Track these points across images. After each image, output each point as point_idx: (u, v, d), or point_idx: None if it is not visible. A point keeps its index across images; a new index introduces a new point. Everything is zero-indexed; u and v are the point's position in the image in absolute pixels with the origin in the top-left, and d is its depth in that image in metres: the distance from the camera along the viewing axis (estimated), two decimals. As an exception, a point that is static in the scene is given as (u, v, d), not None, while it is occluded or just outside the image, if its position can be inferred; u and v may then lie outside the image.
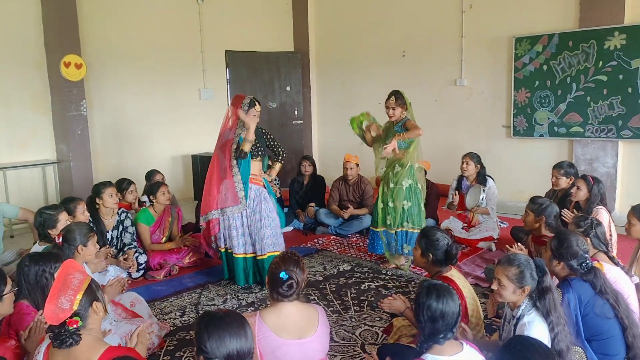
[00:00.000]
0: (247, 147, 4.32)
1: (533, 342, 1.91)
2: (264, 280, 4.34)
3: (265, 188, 4.59)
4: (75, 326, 2.03)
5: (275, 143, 4.78)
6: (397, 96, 4.84)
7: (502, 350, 1.95)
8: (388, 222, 4.88)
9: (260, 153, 4.56)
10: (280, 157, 4.78)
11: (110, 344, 2.18)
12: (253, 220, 4.46)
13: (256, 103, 4.48)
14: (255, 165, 4.52)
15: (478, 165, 5.64)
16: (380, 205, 4.91)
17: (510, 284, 2.54)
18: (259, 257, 4.49)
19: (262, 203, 4.49)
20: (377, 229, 4.97)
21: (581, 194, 4.47)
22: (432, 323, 2.17)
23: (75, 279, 2.10)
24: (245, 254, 4.52)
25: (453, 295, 2.25)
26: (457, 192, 5.77)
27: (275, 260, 2.57)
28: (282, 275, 2.43)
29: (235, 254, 4.51)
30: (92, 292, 2.16)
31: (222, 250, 4.62)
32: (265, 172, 4.75)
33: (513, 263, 2.57)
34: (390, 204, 4.84)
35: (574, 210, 4.56)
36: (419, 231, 4.80)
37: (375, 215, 5.00)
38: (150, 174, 5.93)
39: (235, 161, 4.41)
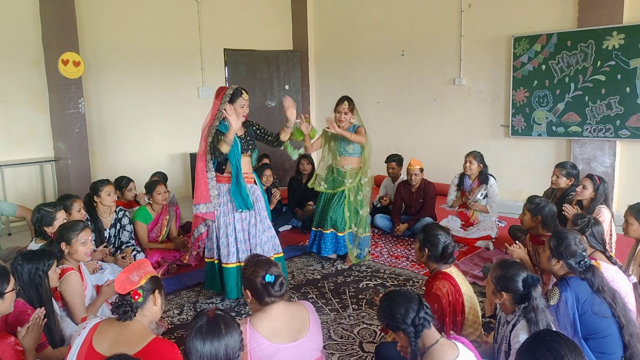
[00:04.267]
0: (225, 149, 3.89)
1: (561, 335, 1.90)
2: None
3: (255, 184, 4.30)
4: (137, 298, 2.23)
5: (265, 130, 4.36)
6: (349, 101, 4.96)
7: (530, 341, 1.93)
8: (354, 228, 5.06)
9: (250, 147, 4.19)
10: (277, 136, 4.34)
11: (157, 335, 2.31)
12: (253, 223, 4.15)
13: (242, 92, 4.03)
14: (245, 162, 4.14)
15: (481, 165, 5.65)
16: (347, 213, 5.02)
17: None
18: None
19: (256, 203, 4.20)
20: (342, 233, 5.05)
21: (587, 192, 4.45)
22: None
23: (149, 267, 2.38)
24: (240, 262, 4.08)
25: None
26: (460, 187, 5.80)
27: (249, 270, 2.42)
28: (269, 278, 2.35)
29: (225, 264, 4.09)
30: (159, 283, 2.38)
31: (212, 261, 4.26)
32: (256, 165, 4.48)
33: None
34: (360, 212, 5.06)
35: (576, 207, 4.54)
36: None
37: (336, 220, 5.04)
38: (153, 176, 5.93)
39: (209, 155, 4.01)
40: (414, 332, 2.15)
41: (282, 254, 4.38)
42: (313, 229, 5.21)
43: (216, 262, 4.21)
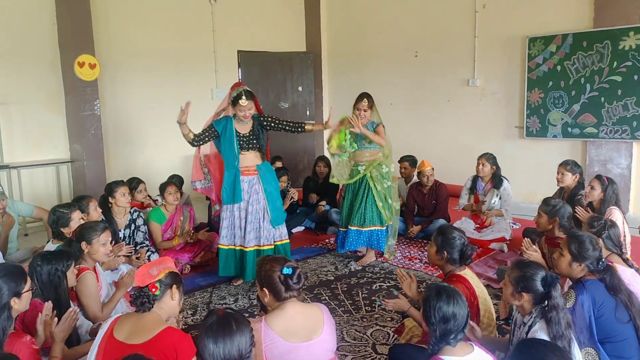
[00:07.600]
0: (186, 137, 4.71)
1: (546, 344, 1.88)
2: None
3: (259, 177, 4.50)
4: (154, 291, 2.31)
5: (280, 120, 4.60)
6: (369, 98, 5.01)
7: (516, 354, 1.91)
8: (384, 218, 5.10)
9: (252, 145, 4.48)
10: (299, 125, 4.62)
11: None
12: (249, 212, 4.44)
13: (242, 97, 4.31)
14: (247, 157, 4.47)
15: (494, 167, 5.63)
16: (379, 203, 5.05)
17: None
18: (261, 248, 4.48)
19: (255, 195, 4.45)
20: (367, 228, 5.08)
21: (595, 194, 4.42)
22: (444, 324, 2.16)
23: (170, 264, 2.48)
24: (231, 245, 4.51)
25: (462, 296, 2.25)
26: (472, 191, 5.79)
27: (266, 267, 2.45)
28: (286, 271, 2.39)
29: (220, 244, 4.53)
30: (177, 278, 2.46)
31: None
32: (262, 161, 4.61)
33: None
34: (389, 201, 5.10)
35: (588, 210, 4.50)
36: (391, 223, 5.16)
37: (371, 213, 5.08)
38: (170, 178, 5.97)
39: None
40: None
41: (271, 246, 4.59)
42: (341, 229, 5.26)
43: (235, 247, 4.55)
